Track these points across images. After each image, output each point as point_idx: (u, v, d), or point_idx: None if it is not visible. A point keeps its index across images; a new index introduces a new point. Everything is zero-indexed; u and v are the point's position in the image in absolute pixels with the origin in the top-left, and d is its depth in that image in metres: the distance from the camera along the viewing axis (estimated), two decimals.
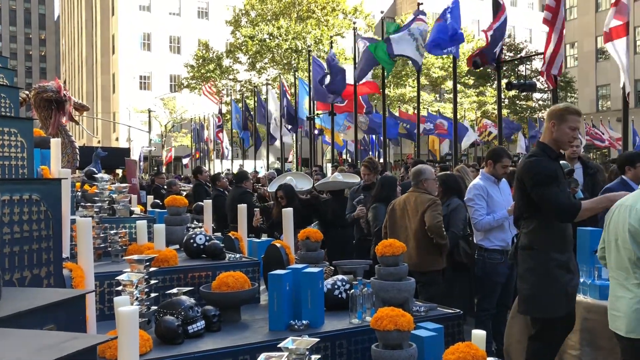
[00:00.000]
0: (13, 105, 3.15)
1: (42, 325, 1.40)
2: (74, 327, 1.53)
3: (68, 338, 1.12)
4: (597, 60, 41.30)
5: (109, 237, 3.66)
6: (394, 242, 3.09)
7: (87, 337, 1.31)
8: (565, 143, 3.54)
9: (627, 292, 2.88)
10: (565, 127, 3.44)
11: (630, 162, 5.01)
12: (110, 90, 51.31)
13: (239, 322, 2.97)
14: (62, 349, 1.05)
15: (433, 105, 33.57)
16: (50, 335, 1.21)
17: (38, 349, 1.06)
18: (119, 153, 23.19)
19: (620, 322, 2.91)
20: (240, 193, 7.88)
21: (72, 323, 1.55)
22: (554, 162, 3.48)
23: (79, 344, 1.09)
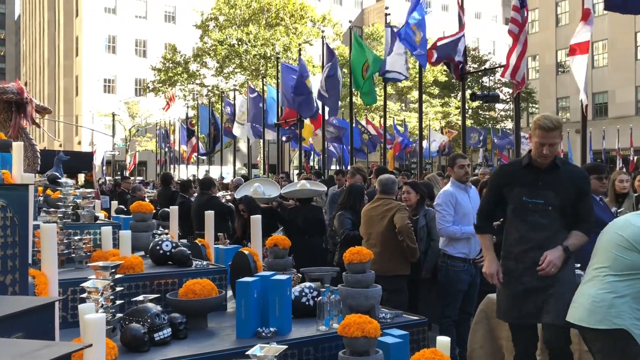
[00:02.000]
0: None
1: (11, 334, 1.37)
2: (42, 335, 1.50)
3: (41, 346, 1.10)
4: (558, 73, 42.53)
5: (72, 243, 3.59)
6: (361, 250, 3.12)
7: (61, 345, 1.29)
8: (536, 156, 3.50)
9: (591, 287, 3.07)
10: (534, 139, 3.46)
11: None
12: (73, 92, 50.26)
13: (205, 329, 2.96)
14: (35, 357, 1.04)
15: (399, 114, 33.96)
16: (22, 344, 1.19)
17: (11, 357, 1.04)
18: (81, 157, 22.69)
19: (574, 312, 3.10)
20: (207, 199, 7.81)
21: (41, 331, 1.52)
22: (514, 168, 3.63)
23: (52, 352, 1.07)
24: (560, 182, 3.46)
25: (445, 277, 5.08)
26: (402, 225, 4.90)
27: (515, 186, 3.53)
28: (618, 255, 2.99)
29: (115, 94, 46.91)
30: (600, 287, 3.02)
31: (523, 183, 3.51)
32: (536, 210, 3.46)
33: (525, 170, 3.53)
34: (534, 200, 3.46)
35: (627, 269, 2.96)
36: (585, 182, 3.54)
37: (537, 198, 3.45)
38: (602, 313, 2.95)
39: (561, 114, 42.27)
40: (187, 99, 34.67)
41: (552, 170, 3.47)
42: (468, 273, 5.05)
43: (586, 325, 3.02)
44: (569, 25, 39.53)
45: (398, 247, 5.01)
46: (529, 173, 3.51)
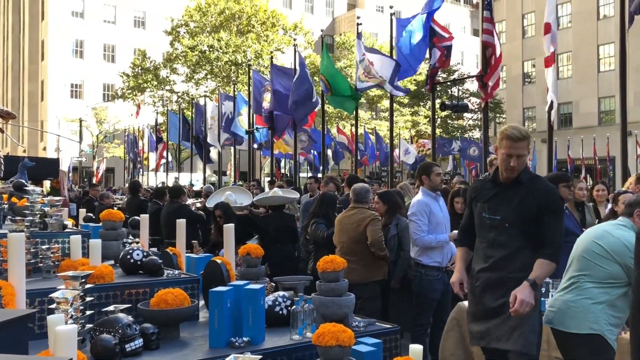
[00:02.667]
0: None
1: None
2: (16, 349, 1.46)
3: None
4: (524, 83, 43.47)
5: (40, 252, 3.51)
6: (335, 258, 3.13)
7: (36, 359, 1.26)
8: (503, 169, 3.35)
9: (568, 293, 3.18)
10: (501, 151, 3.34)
11: (553, 183, 5.29)
12: (39, 97, 49.16)
13: (178, 339, 2.92)
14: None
15: (370, 122, 34.20)
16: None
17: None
18: (47, 163, 22.17)
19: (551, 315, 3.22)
20: (177, 208, 7.74)
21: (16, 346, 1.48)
22: (482, 182, 3.53)
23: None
24: (520, 197, 3.27)
25: (419, 286, 5.13)
26: (374, 239, 4.99)
27: (478, 201, 3.45)
28: (597, 264, 3.09)
29: (83, 99, 46.04)
30: (578, 294, 3.10)
31: (485, 198, 3.41)
32: (493, 227, 3.32)
33: (489, 185, 3.43)
34: (492, 217, 3.33)
35: (606, 278, 3.06)
36: (551, 200, 3.28)
37: (495, 214, 3.31)
38: (580, 318, 3.03)
39: (527, 124, 43.19)
40: (157, 105, 34.27)
41: (515, 186, 3.30)
42: (442, 282, 5.12)
43: (565, 330, 3.08)
44: (535, 36, 40.51)
45: (371, 255, 5.06)
46: (492, 188, 3.40)
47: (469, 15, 61.08)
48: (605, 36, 37.12)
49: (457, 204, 5.66)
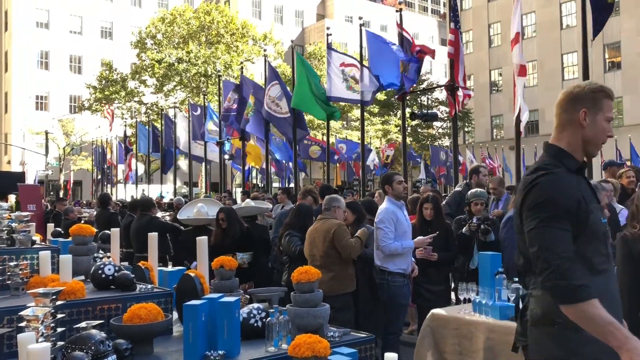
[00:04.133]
0: None
1: None
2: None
3: None
4: (491, 92, 44.31)
5: (8, 269, 3.43)
6: (309, 269, 3.14)
7: None
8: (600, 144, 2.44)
9: None
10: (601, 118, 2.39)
11: None
12: (2, 109, 48.07)
13: (152, 354, 2.88)
14: None
15: (341, 132, 34.38)
16: None
17: None
18: (11, 177, 21.68)
19: None
20: (148, 221, 7.64)
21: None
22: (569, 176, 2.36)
23: None
24: None
25: (387, 293, 5.18)
26: (341, 246, 5.02)
27: (591, 204, 2.34)
28: None
29: (49, 111, 45.19)
30: None
31: (591, 197, 2.38)
32: (607, 237, 2.42)
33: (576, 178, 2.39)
34: (604, 221, 2.46)
35: None
36: None
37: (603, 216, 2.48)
38: None
39: (495, 132, 43.99)
40: (125, 117, 33.86)
41: None
42: (407, 287, 5.20)
43: None
44: (501, 46, 41.39)
45: (342, 266, 5.09)
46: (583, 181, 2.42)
47: (436, 25, 62.09)
48: (569, 45, 38.14)
49: (427, 210, 5.72)
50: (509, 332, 3.62)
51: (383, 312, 5.33)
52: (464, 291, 4.12)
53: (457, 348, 3.95)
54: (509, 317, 3.74)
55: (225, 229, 6.14)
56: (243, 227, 6.33)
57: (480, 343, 3.76)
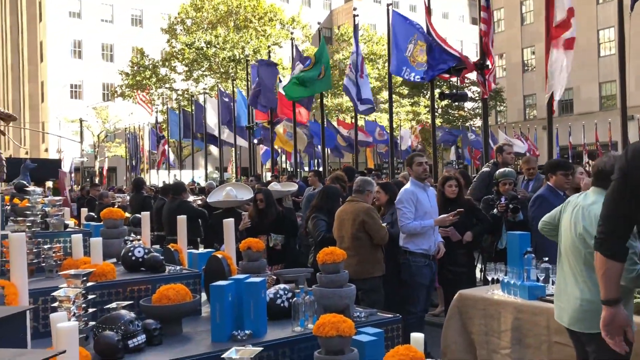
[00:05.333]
0: None
1: None
2: (14, 345, 1.48)
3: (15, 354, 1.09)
4: (524, 71, 43.32)
5: (42, 252, 3.53)
6: (334, 250, 3.15)
7: (34, 352, 1.28)
8: None
9: (574, 287, 3.05)
10: None
11: (551, 170, 5.25)
12: (39, 99, 49.20)
13: (180, 334, 2.94)
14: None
15: (369, 115, 34.13)
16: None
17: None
18: (48, 164, 22.25)
19: (563, 314, 3.10)
20: (179, 204, 7.76)
21: (14, 341, 1.51)
22: None
23: None
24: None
25: (408, 273, 5.17)
26: (374, 230, 5.03)
27: None
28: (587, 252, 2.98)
29: (83, 99, 46.07)
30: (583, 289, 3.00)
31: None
32: None
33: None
34: None
35: None
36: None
37: None
38: (593, 318, 2.87)
39: (528, 112, 43.11)
40: (157, 103, 34.29)
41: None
42: (429, 268, 5.16)
43: (579, 330, 3.02)
44: (534, 23, 40.33)
45: (370, 250, 5.09)
46: None
47: (467, 4, 60.82)
48: (605, 20, 36.96)
49: (450, 187, 5.62)
50: (537, 312, 3.59)
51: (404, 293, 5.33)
52: (492, 271, 4.08)
53: (484, 328, 3.93)
54: (537, 297, 3.70)
55: (263, 209, 6.19)
56: (278, 210, 6.38)
57: (508, 323, 3.73)
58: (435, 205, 5.38)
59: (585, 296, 2.98)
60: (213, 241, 6.78)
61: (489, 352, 3.90)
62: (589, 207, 2.99)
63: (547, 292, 3.77)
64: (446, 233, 5.42)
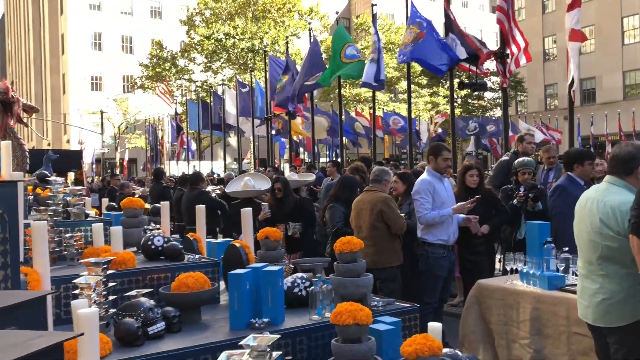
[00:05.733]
0: None
1: (4, 327, 1.39)
2: (35, 328, 1.51)
3: (34, 336, 1.12)
4: (545, 60, 42.68)
5: (64, 240, 3.59)
6: (351, 239, 3.14)
7: (53, 334, 1.31)
8: None
9: (593, 283, 3.01)
10: None
11: (579, 160, 5.15)
12: (60, 91, 49.83)
13: (199, 322, 2.97)
14: (28, 346, 1.05)
15: (388, 104, 33.96)
16: (15, 334, 1.20)
17: (3, 347, 1.06)
18: (70, 156, 22.56)
19: (587, 312, 3.06)
20: (197, 194, 7.82)
21: (34, 325, 1.54)
22: None
23: (45, 341, 1.09)
24: None
25: (425, 264, 5.13)
26: (392, 220, 5.01)
27: None
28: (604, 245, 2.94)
29: (103, 91, 46.55)
30: (602, 283, 2.97)
31: None
32: None
33: None
34: None
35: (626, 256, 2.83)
36: None
37: None
38: (616, 312, 2.88)
39: (549, 101, 42.50)
40: (176, 94, 34.51)
41: None
42: (448, 259, 5.11)
43: (603, 325, 2.99)
44: (556, 12, 39.66)
45: (388, 240, 5.07)
46: None
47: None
48: (629, 7, 36.20)
49: (471, 177, 5.52)
50: (557, 302, 3.55)
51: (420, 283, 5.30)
52: (511, 261, 4.04)
53: (502, 318, 3.90)
54: (557, 287, 3.66)
55: (281, 198, 6.22)
56: (295, 198, 6.40)
57: (526, 313, 3.70)
58: (452, 195, 5.32)
59: (604, 290, 2.95)
60: (232, 231, 6.83)
61: (507, 342, 3.88)
62: (604, 199, 2.96)
63: (567, 282, 3.74)
64: (467, 223, 5.31)
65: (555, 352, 3.58)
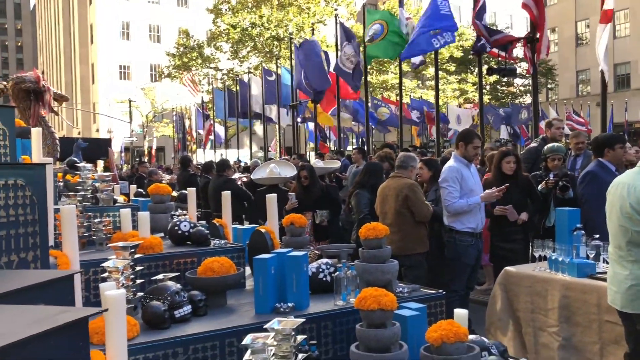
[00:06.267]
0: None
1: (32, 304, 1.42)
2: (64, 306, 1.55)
3: (59, 311, 1.14)
4: (577, 45, 41.69)
5: (92, 225, 3.66)
6: (377, 226, 3.12)
7: (78, 309, 1.34)
8: None
9: (623, 269, 2.96)
10: None
11: (609, 144, 5.03)
12: (90, 80, 50.63)
13: (225, 306, 3.01)
14: (53, 321, 1.07)
15: (415, 91, 33.63)
16: (41, 310, 1.23)
17: (30, 322, 1.08)
18: (100, 144, 22.92)
19: (616, 297, 3.01)
20: (223, 181, 7.88)
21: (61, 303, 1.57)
22: None
23: (70, 316, 1.11)
24: None
25: (453, 252, 5.07)
26: (417, 208, 4.98)
27: None
28: (634, 230, 2.90)
29: (131, 80, 47.16)
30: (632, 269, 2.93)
31: None
32: None
33: None
34: None
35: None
36: None
37: None
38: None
39: (581, 87, 41.58)
40: (202, 83, 34.73)
41: None
42: (476, 247, 5.04)
43: (631, 312, 2.96)
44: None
45: (413, 227, 5.04)
46: None
47: None
48: None
49: (509, 163, 5.41)
50: (586, 290, 3.49)
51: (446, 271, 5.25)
52: (539, 248, 3.97)
53: (530, 306, 3.85)
54: (587, 275, 3.59)
55: (307, 186, 6.20)
56: (322, 185, 6.38)
57: (555, 301, 3.64)
58: (479, 181, 5.23)
59: (634, 276, 2.92)
60: (258, 218, 6.86)
61: (535, 329, 3.83)
62: (635, 184, 2.92)
63: (598, 270, 3.66)
64: (504, 212, 5.22)
65: (586, 341, 3.52)
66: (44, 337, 1.02)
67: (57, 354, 1.07)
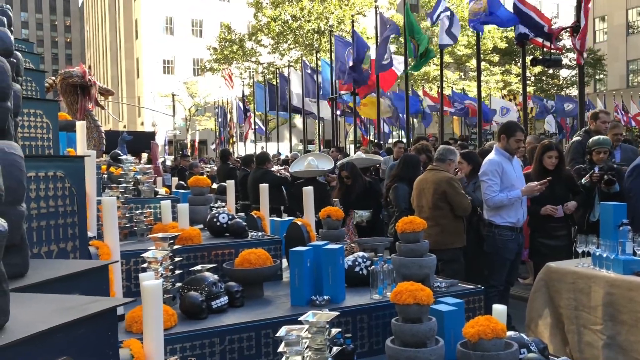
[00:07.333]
0: (39, 88, 3.23)
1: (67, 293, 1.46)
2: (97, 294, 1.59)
3: (89, 301, 1.18)
4: (628, 34, 40.18)
5: (134, 217, 3.74)
6: (414, 219, 3.09)
7: (108, 299, 1.37)
8: None
9: None
10: None
11: None
12: (135, 74, 51.78)
13: (261, 297, 3.03)
14: (82, 310, 1.10)
15: (458, 83, 33.09)
16: (73, 299, 1.27)
17: (61, 309, 1.11)
18: (144, 137, 23.44)
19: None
20: (262, 174, 7.95)
21: (97, 293, 1.61)
22: None
23: (100, 305, 1.14)
24: None
25: (492, 246, 4.96)
26: (456, 202, 4.90)
27: None
28: None
29: (174, 74, 48.03)
30: None
31: None
32: None
33: None
34: None
35: None
36: None
37: None
38: None
39: (632, 78, 40.10)
40: (243, 77, 35.04)
41: None
42: (516, 242, 4.92)
43: None
44: None
45: (451, 220, 4.96)
46: None
47: None
48: None
49: (550, 158, 5.22)
50: (632, 287, 3.38)
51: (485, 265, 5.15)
52: (583, 244, 3.84)
53: (572, 303, 3.74)
54: (633, 272, 3.46)
55: (350, 185, 6.11)
56: (366, 182, 6.29)
57: (599, 298, 3.53)
58: (522, 175, 5.10)
59: None
60: (296, 210, 6.89)
61: (578, 327, 3.72)
62: None
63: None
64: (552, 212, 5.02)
65: (632, 340, 3.40)
66: (72, 326, 1.05)
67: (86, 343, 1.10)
